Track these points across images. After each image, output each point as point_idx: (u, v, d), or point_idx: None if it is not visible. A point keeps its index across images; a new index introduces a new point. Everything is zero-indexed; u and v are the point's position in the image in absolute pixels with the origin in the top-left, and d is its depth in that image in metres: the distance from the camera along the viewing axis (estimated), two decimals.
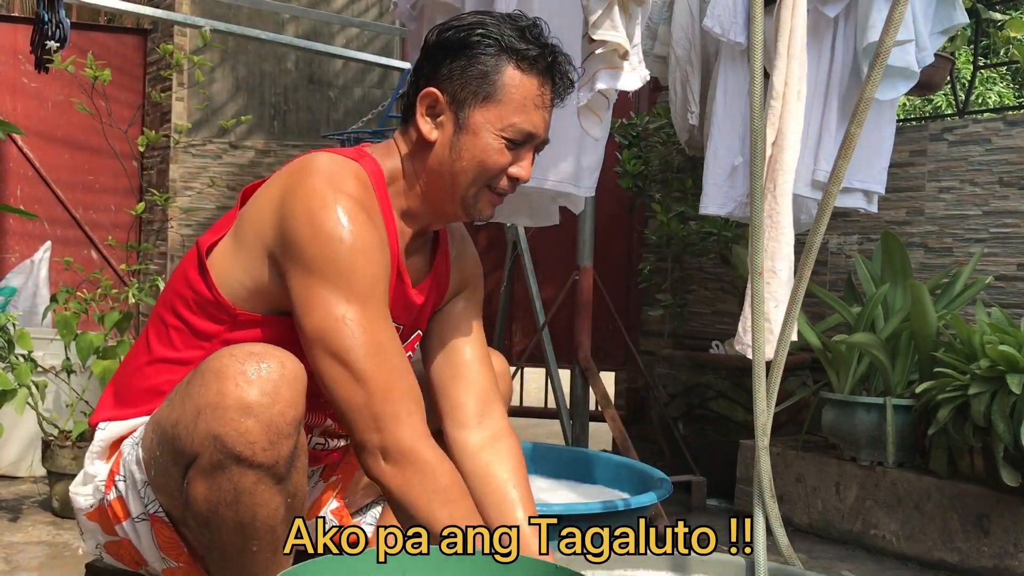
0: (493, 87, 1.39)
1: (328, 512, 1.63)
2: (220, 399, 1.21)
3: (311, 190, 1.33)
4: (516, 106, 1.39)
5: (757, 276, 1.62)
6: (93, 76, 3.17)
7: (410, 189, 1.46)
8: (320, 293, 1.30)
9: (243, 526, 1.25)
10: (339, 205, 1.31)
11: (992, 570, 2.38)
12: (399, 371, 1.32)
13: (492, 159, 1.40)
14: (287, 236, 1.32)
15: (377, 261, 1.33)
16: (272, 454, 1.22)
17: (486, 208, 1.45)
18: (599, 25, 1.68)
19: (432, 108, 1.42)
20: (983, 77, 7.94)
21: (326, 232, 1.30)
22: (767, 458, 1.67)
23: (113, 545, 1.45)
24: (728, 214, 2.65)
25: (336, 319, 1.29)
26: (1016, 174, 3.05)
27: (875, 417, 2.66)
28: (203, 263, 1.40)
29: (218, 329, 1.40)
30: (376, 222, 1.37)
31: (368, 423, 1.29)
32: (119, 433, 1.43)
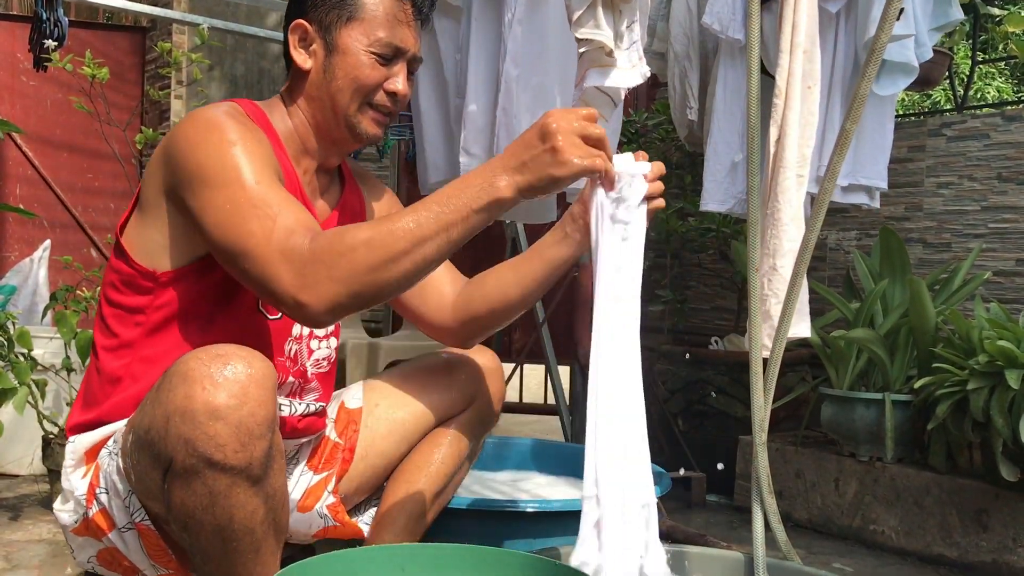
0: (355, 7, 1.46)
1: (324, 507, 1.63)
2: (188, 403, 1.20)
3: (185, 119, 1.40)
4: (379, 21, 1.47)
5: (754, 272, 1.63)
6: (91, 75, 3.17)
7: (298, 123, 1.52)
8: (207, 195, 1.31)
9: (221, 529, 1.24)
10: (209, 118, 1.36)
11: (991, 565, 2.38)
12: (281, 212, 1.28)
13: (364, 74, 1.47)
14: (176, 168, 1.36)
15: (254, 150, 1.35)
16: (244, 456, 1.21)
17: (371, 127, 1.50)
18: (582, 23, 1.67)
19: (303, 39, 1.50)
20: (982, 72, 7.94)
21: (198, 140, 1.34)
22: (765, 454, 1.67)
23: (106, 554, 1.45)
24: (728, 211, 2.65)
25: (224, 209, 1.29)
26: (1015, 169, 3.05)
27: (874, 413, 2.66)
28: (119, 242, 1.45)
29: (147, 300, 1.43)
30: (252, 129, 1.40)
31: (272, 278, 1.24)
32: (90, 443, 1.44)
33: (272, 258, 1.24)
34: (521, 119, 2.24)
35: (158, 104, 4.63)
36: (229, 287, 1.42)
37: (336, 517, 1.63)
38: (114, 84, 4.30)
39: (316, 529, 1.62)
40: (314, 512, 1.61)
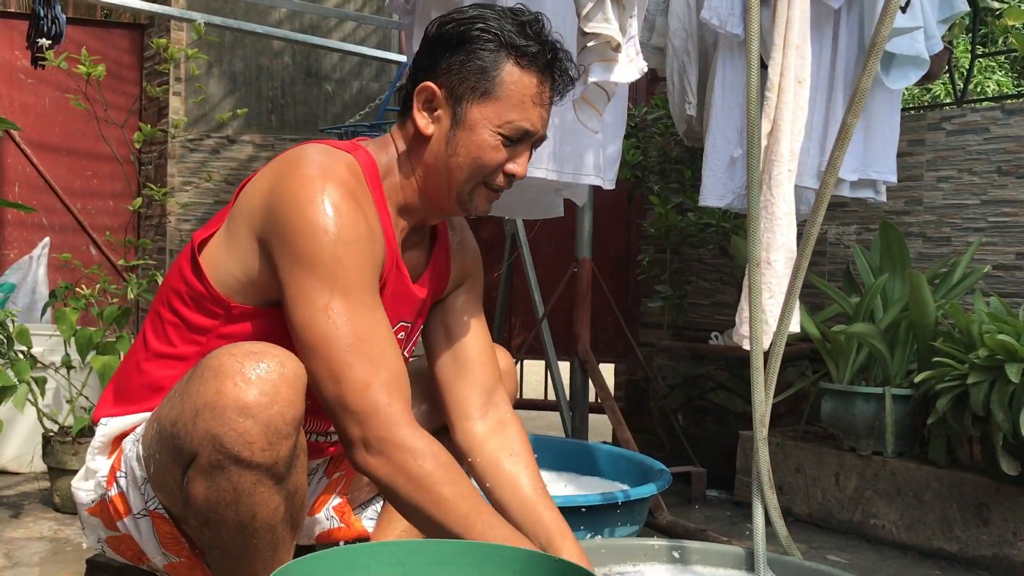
0: (491, 83, 1.38)
1: (331, 508, 1.63)
2: (218, 399, 1.20)
3: (300, 179, 1.32)
4: (514, 103, 1.38)
5: (754, 267, 1.62)
6: (87, 73, 3.17)
7: (406, 183, 1.45)
8: (305, 284, 1.29)
9: (243, 526, 1.25)
10: (327, 195, 1.30)
11: (991, 559, 2.38)
12: (382, 360, 1.29)
13: (488, 156, 1.39)
14: (276, 226, 1.32)
15: (364, 252, 1.32)
16: (271, 454, 1.21)
17: (482, 204, 1.45)
18: (591, 17, 1.67)
19: (429, 102, 1.41)
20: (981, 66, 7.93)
21: (312, 222, 1.29)
22: (765, 449, 1.67)
23: (115, 540, 1.45)
24: (727, 206, 2.65)
25: (318, 309, 1.28)
26: (1014, 163, 3.05)
27: (874, 407, 2.66)
28: (196, 258, 1.40)
29: (213, 323, 1.40)
30: (367, 212, 1.36)
31: (348, 416, 1.27)
32: (120, 429, 1.44)
33: (361, 407, 1.27)
34: None
35: (156, 101, 4.62)
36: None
37: (342, 518, 1.63)
38: (112, 81, 4.29)
39: (321, 530, 1.63)
40: (320, 514, 1.62)
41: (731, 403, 3.18)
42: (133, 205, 3.55)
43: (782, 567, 1.68)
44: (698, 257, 3.82)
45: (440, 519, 1.26)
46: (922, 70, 2.54)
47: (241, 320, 1.39)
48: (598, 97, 1.98)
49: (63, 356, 2.75)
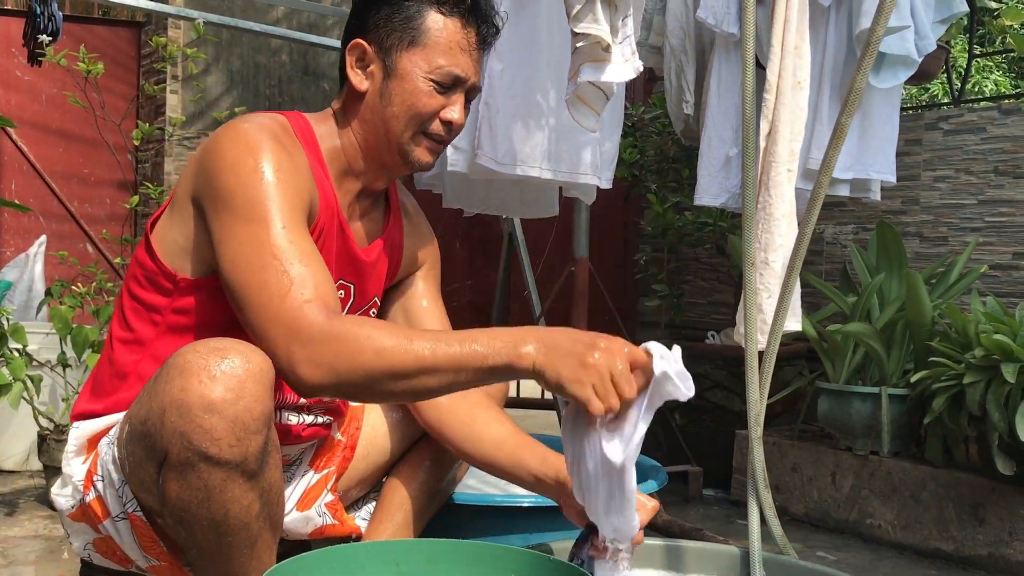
0: (418, 31, 1.42)
1: (323, 505, 1.63)
2: (184, 396, 1.19)
3: (226, 130, 1.36)
4: (442, 49, 1.43)
5: (750, 267, 1.62)
6: (86, 70, 3.16)
7: (347, 144, 1.49)
8: (227, 221, 1.30)
9: (216, 523, 1.24)
10: (249, 137, 1.33)
11: (987, 558, 2.38)
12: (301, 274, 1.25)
13: (422, 102, 1.43)
14: (204, 175, 1.35)
15: (287, 182, 1.32)
16: (239, 451, 1.20)
17: (423, 155, 1.47)
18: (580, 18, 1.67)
19: (361, 60, 1.46)
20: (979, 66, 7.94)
21: (231, 160, 1.32)
22: (761, 448, 1.67)
23: (101, 543, 1.45)
24: (722, 205, 2.65)
25: (242, 243, 1.28)
26: (1011, 163, 3.05)
27: (870, 406, 2.66)
28: (147, 238, 1.44)
29: (165, 300, 1.42)
30: (292, 154, 1.38)
31: (275, 335, 1.22)
32: (92, 431, 1.43)
33: (279, 322, 1.22)
34: (504, 114, 2.23)
35: (154, 99, 4.62)
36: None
37: (335, 515, 1.63)
38: (110, 79, 4.28)
39: (313, 527, 1.62)
40: (312, 510, 1.61)
41: (728, 402, 3.18)
42: (130, 203, 3.55)
43: (778, 567, 1.68)
44: (695, 256, 3.83)
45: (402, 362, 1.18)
46: (911, 69, 2.54)
47: (191, 291, 1.41)
48: (595, 97, 1.98)
49: (59, 354, 2.75)
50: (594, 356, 1.15)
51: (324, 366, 1.20)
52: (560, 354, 1.16)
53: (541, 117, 2.29)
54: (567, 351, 1.16)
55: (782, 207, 1.76)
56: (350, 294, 1.54)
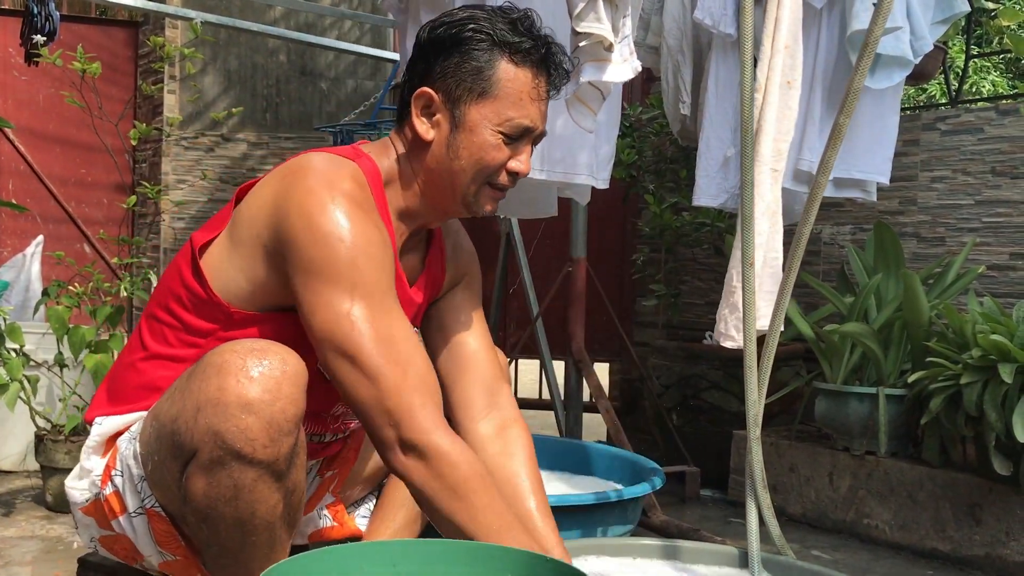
0: (487, 83, 1.38)
1: (324, 507, 1.63)
2: (221, 395, 1.20)
3: (307, 191, 1.31)
4: (512, 101, 1.39)
5: (748, 267, 1.62)
6: (81, 69, 3.16)
7: (408, 188, 1.45)
8: (324, 293, 1.29)
9: (242, 522, 1.25)
10: (336, 206, 1.30)
11: (984, 559, 2.39)
12: (411, 363, 1.30)
13: (490, 155, 1.40)
14: (285, 238, 1.31)
15: (379, 256, 1.32)
16: (272, 451, 1.22)
17: (488, 204, 1.45)
18: (583, 17, 1.67)
19: (427, 108, 1.41)
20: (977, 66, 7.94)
21: (324, 233, 1.29)
22: (759, 449, 1.67)
23: (108, 539, 1.45)
24: (721, 205, 2.65)
25: (342, 316, 1.28)
26: (1008, 163, 3.05)
27: (868, 407, 2.66)
28: (196, 262, 1.40)
29: (213, 327, 1.40)
30: (375, 220, 1.36)
31: (383, 419, 1.27)
32: (115, 428, 1.43)
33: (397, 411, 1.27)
34: None
35: (151, 99, 4.61)
36: (301, 340, 1.35)
37: (335, 517, 1.63)
38: (107, 79, 4.27)
39: (314, 529, 1.62)
40: (313, 512, 1.61)
41: (725, 403, 3.18)
42: (127, 203, 3.54)
43: (775, 567, 1.68)
44: (693, 257, 3.83)
45: (471, 529, 1.27)
46: (906, 70, 2.54)
47: (243, 325, 1.39)
48: (592, 96, 1.98)
49: (56, 354, 2.75)
50: None
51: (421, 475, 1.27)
52: None
53: None
54: None
55: (761, 205, 1.76)
56: None
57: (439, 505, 1.27)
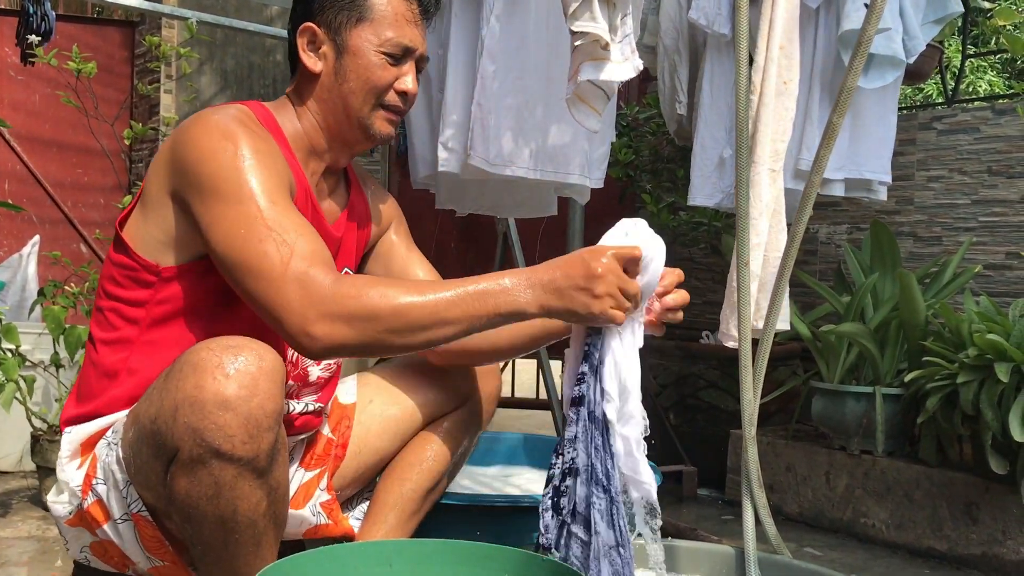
0: (364, 8, 1.48)
1: (317, 505, 1.62)
2: (198, 393, 1.20)
3: (196, 123, 1.39)
4: (389, 22, 1.48)
5: (743, 267, 1.62)
6: (76, 70, 3.15)
7: (308, 126, 1.53)
8: (215, 208, 1.32)
9: (224, 520, 1.25)
10: (220, 126, 1.36)
11: (980, 557, 2.39)
12: (297, 242, 1.28)
13: (376, 75, 1.49)
14: (180, 169, 1.37)
15: (267, 164, 1.36)
16: (252, 448, 1.22)
17: (384, 127, 1.53)
18: (578, 16, 1.67)
19: (312, 42, 1.51)
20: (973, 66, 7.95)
21: (212, 149, 1.34)
22: (755, 448, 1.67)
23: (98, 547, 1.44)
24: (716, 205, 2.65)
25: (234, 226, 1.30)
26: (1005, 163, 3.06)
27: (864, 406, 2.66)
28: (119, 236, 1.45)
29: (147, 293, 1.42)
30: (265, 137, 1.41)
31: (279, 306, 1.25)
32: (85, 435, 1.43)
33: (287, 286, 1.25)
34: (497, 115, 2.23)
35: (147, 99, 4.61)
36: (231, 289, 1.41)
37: (329, 515, 1.62)
38: (103, 79, 4.27)
39: (307, 527, 1.62)
40: (306, 509, 1.61)
41: (722, 402, 3.18)
42: (123, 203, 3.53)
43: (772, 566, 1.68)
44: (690, 256, 3.83)
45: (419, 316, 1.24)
46: (899, 70, 2.54)
47: (175, 280, 1.42)
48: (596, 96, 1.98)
49: (52, 354, 2.74)
50: (598, 286, 1.24)
51: (342, 323, 1.23)
52: (567, 290, 1.26)
53: (533, 117, 2.29)
54: (571, 286, 1.25)
55: (759, 206, 1.76)
56: None
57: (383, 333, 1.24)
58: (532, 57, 2.27)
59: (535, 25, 2.26)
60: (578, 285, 1.25)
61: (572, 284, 1.25)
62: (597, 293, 1.24)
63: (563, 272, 1.26)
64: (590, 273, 1.24)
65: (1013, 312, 2.49)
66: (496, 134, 2.23)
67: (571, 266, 1.26)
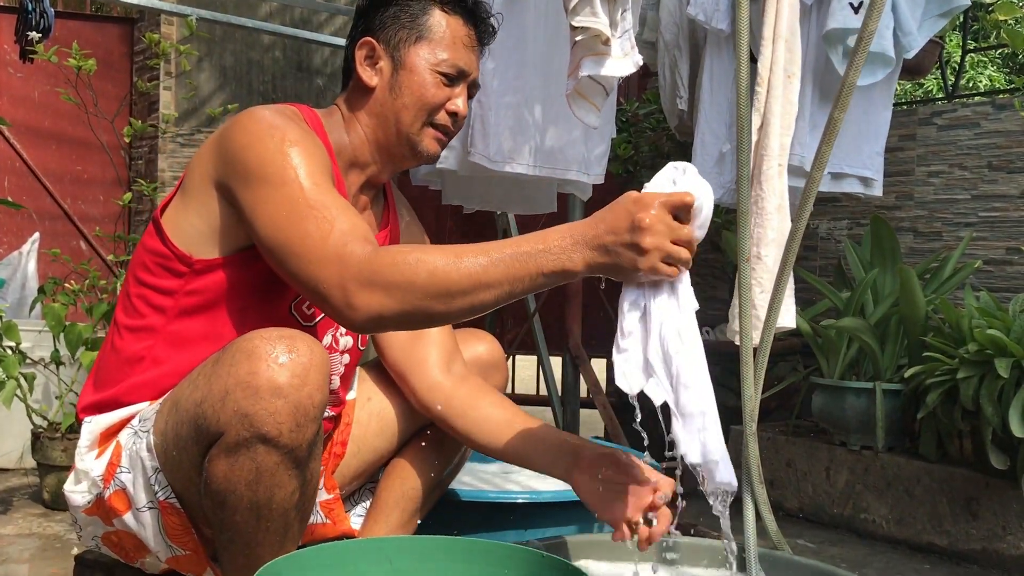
0: (424, 28, 1.51)
1: (317, 504, 1.62)
2: (252, 379, 1.22)
3: (246, 117, 1.41)
4: (446, 44, 1.52)
5: (744, 263, 1.62)
6: (77, 66, 3.15)
7: (355, 137, 1.54)
8: (259, 191, 1.33)
9: (258, 507, 1.26)
10: (270, 119, 1.39)
11: (980, 553, 2.39)
12: (337, 219, 1.29)
13: (431, 92, 1.51)
14: (227, 158, 1.38)
15: (312, 152, 1.37)
16: (297, 436, 1.23)
17: (432, 145, 1.54)
18: (578, 11, 1.67)
19: (370, 56, 1.53)
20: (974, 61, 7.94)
21: (257, 136, 1.36)
22: (755, 444, 1.67)
23: (111, 537, 1.44)
24: (716, 200, 2.64)
25: (278, 209, 1.31)
26: (1005, 158, 3.05)
27: (865, 402, 2.66)
28: (158, 223, 1.46)
29: (177, 283, 1.43)
30: (309, 132, 1.43)
31: (321, 279, 1.25)
32: (107, 424, 1.43)
33: (327, 260, 1.25)
34: (496, 112, 2.23)
35: (147, 95, 4.60)
36: (267, 283, 1.43)
37: (328, 515, 1.62)
38: (102, 75, 4.27)
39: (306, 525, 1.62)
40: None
41: (723, 398, 3.17)
42: (123, 200, 3.54)
43: (772, 562, 1.68)
44: None
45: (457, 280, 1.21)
46: (888, 67, 2.54)
47: (205, 273, 1.43)
48: (595, 92, 1.97)
49: (52, 352, 2.74)
50: (645, 239, 1.17)
51: (379, 293, 1.22)
52: (613, 245, 1.19)
53: (532, 114, 2.29)
54: (618, 241, 1.18)
55: (773, 201, 1.76)
56: None
57: (423, 293, 1.21)
58: (531, 54, 2.27)
59: (534, 22, 2.26)
60: (624, 241, 1.18)
61: (617, 237, 1.18)
62: (646, 247, 1.17)
63: (608, 226, 1.19)
64: (637, 225, 1.17)
65: (1013, 307, 2.49)
66: (496, 131, 2.23)
67: (617, 218, 1.18)
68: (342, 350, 1.61)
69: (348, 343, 1.61)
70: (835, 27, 2.43)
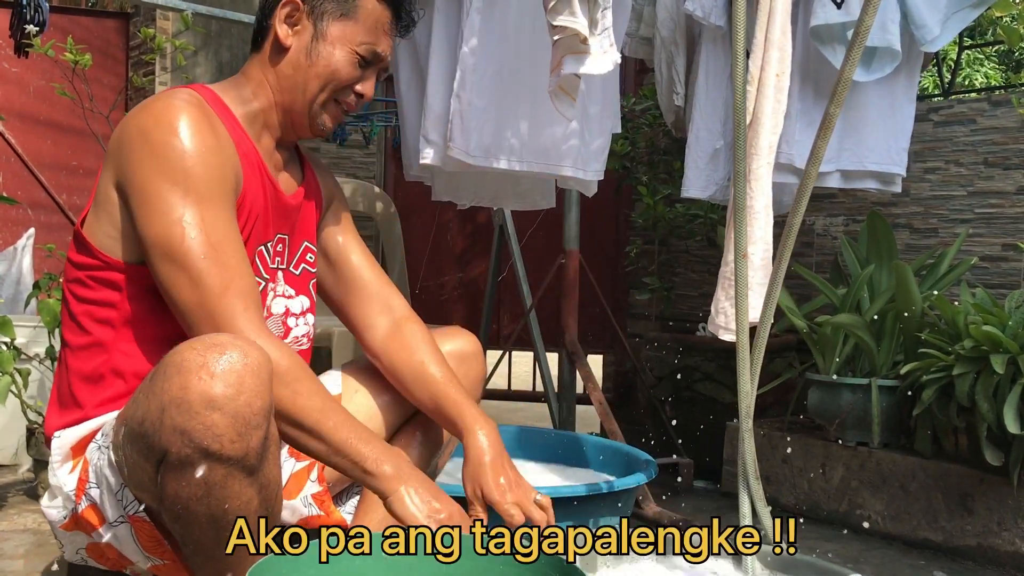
0: (352, 6, 1.52)
1: (308, 496, 1.62)
2: (184, 393, 1.18)
3: (141, 111, 1.39)
4: (369, 27, 1.53)
5: (740, 259, 1.62)
6: (73, 61, 3.14)
7: (265, 100, 1.54)
8: (156, 198, 1.33)
9: (215, 519, 1.23)
10: (168, 116, 1.37)
11: (976, 548, 2.39)
12: (238, 271, 1.35)
13: (345, 70, 1.52)
14: (126, 157, 1.37)
15: (214, 163, 1.37)
16: (241, 446, 1.20)
17: (328, 121, 1.56)
18: (557, 11, 1.67)
19: (291, 16, 1.52)
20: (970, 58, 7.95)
21: (158, 140, 1.35)
22: (751, 440, 1.67)
23: (95, 548, 1.43)
24: (710, 197, 2.64)
25: (172, 221, 1.33)
26: (1001, 154, 3.06)
27: (860, 398, 2.67)
28: (79, 236, 1.44)
29: (116, 295, 1.42)
30: (214, 126, 1.42)
31: (206, 322, 1.32)
32: (75, 439, 1.42)
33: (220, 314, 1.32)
34: (476, 107, 2.22)
35: (142, 91, 4.59)
36: None
37: (321, 506, 1.62)
38: (98, 70, 4.25)
39: (299, 517, 1.61)
40: (297, 500, 1.60)
41: (719, 394, 3.19)
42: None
43: (768, 558, 1.68)
44: (686, 248, 3.83)
45: (293, 413, 1.32)
46: (896, 61, 2.53)
47: (140, 276, 1.41)
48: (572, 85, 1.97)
49: (47, 347, 2.74)
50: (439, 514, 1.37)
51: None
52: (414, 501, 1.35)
53: (514, 109, 2.28)
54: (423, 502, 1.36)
55: (762, 199, 1.76)
56: (285, 245, 1.60)
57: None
58: (513, 50, 2.26)
59: (516, 19, 2.25)
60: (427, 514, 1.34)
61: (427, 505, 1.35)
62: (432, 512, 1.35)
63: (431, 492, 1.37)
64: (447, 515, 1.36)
65: (1009, 304, 2.50)
66: (476, 126, 2.22)
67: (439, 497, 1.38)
68: (301, 311, 1.64)
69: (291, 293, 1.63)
70: (818, 24, 2.43)
